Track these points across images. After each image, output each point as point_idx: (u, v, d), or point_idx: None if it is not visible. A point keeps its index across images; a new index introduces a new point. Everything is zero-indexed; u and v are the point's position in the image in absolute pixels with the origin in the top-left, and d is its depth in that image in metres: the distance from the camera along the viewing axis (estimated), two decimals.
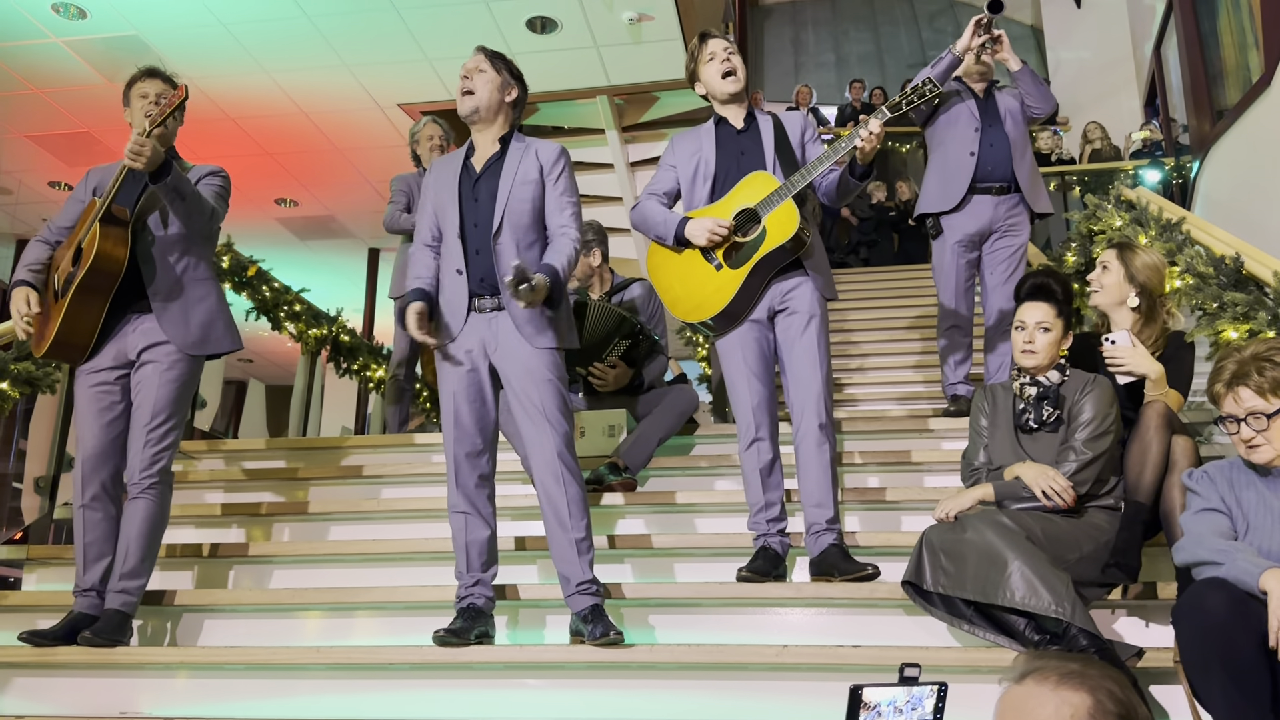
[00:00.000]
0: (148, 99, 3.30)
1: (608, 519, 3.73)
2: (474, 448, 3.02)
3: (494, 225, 3.02)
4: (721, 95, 3.36)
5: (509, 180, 3.06)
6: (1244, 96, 6.56)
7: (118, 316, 3.22)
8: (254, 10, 7.24)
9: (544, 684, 2.89)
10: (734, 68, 3.33)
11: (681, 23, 7.39)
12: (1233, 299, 3.45)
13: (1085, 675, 1.28)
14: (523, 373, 2.96)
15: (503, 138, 3.15)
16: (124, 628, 3.09)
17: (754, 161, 3.30)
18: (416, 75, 8.12)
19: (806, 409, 3.17)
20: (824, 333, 3.23)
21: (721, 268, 3.22)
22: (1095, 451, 2.82)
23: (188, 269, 3.29)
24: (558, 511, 2.92)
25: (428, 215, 3.16)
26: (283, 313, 5.98)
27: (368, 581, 3.52)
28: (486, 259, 3.02)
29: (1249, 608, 2.12)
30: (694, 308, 3.27)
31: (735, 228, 3.20)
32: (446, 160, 3.21)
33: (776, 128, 3.34)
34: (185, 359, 3.22)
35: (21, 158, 9.40)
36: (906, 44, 15.93)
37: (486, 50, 3.18)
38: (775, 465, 3.24)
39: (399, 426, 5.24)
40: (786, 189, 3.14)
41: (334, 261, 11.93)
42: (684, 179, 3.38)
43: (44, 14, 7.21)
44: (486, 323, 3.01)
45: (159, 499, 3.16)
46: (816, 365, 3.18)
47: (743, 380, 3.23)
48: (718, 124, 3.40)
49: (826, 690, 2.70)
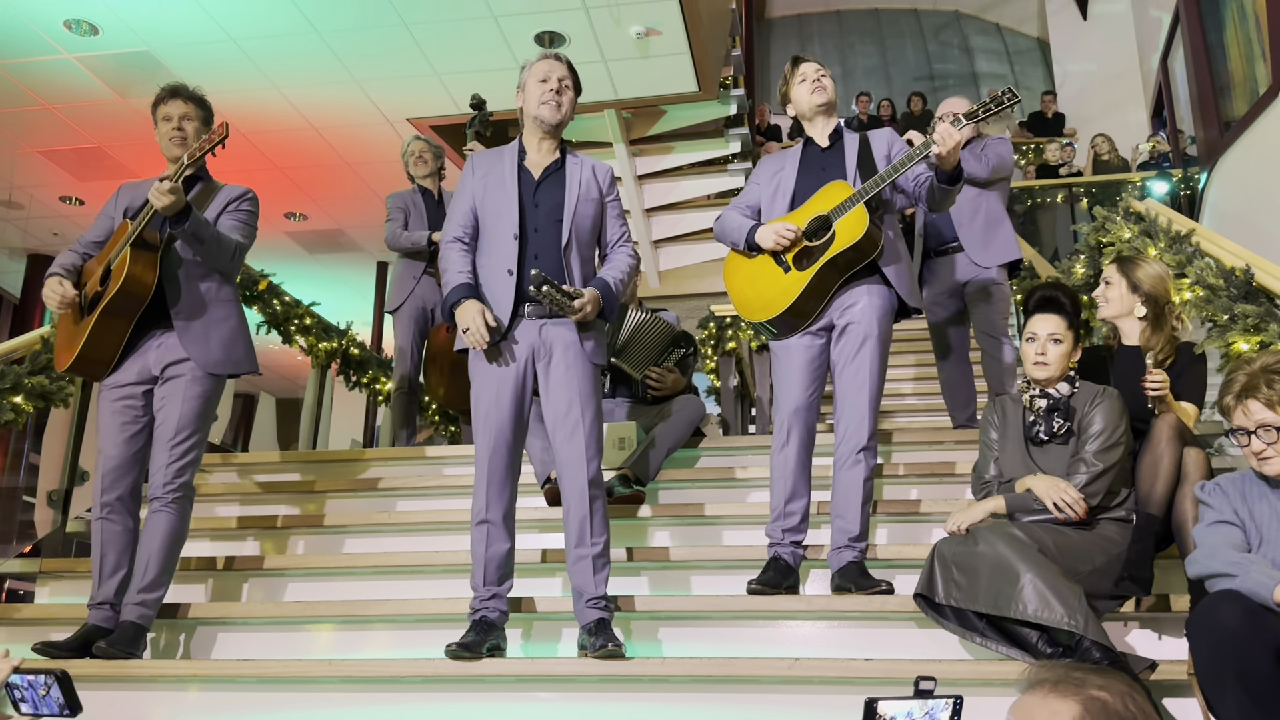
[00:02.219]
0: (171, 122, 3.34)
1: (624, 531, 3.73)
2: (506, 456, 3.01)
3: (564, 237, 3.06)
4: (809, 112, 3.46)
5: (574, 194, 3.11)
6: (1251, 108, 6.56)
7: (141, 334, 3.25)
8: (264, 26, 7.29)
9: (556, 697, 2.89)
10: (824, 86, 3.43)
11: (689, 37, 7.42)
12: (1243, 311, 3.45)
13: (1079, 684, 1.26)
14: (571, 384, 2.98)
15: (560, 147, 3.21)
16: (139, 640, 3.11)
17: (836, 176, 3.36)
18: (426, 90, 8.16)
19: (850, 430, 3.20)
20: (879, 351, 3.23)
21: (790, 270, 3.27)
22: (1106, 463, 2.82)
23: (211, 290, 3.32)
24: (580, 526, 2.93)
25: (463, 211, 3.15)
26: (293, 326, 6.00)
27: (380, 594, 3.53)
28: (549, 265, 3.04)
29: (1263, 620, 2.12)
30: (760, 307, 3.32)
31: (808, 233, 3.24)
32: (494, 158, 3.20)
33: (861, 143, 3.41)
34: (208, 376, 3.25)
35: (33, 173, 9.46)
36: (912, 57, 15.98)
37: (570, 63, 3.24)
38: (803, 473, 3.25)
39: (408, 439, 5.26)
40: (859, 195, 3.19)
41: (342, 275, 11.97)
42: (764, 195, 3.47)
43: (56, 30, 7.27)
44: (537, 329, 3.02)
45: (180, 513, 3.19)
46: (865, 388, 3.20)
47: (787, 383, 3.29)
48: (805, 144, 3.50)
49: (838, 704, 2.70)
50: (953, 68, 15.65)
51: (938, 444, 4.25)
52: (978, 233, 4.47)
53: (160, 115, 3.38)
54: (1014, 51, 15.74)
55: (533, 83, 3.16)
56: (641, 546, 3.63)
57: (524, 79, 3.20)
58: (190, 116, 3.36)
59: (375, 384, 6.68)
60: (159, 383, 3.24)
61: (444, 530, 3.82)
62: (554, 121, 3.14)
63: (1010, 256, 4.46)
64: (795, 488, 3.23)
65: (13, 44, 7.43)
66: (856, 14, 16.53)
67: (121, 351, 3.24)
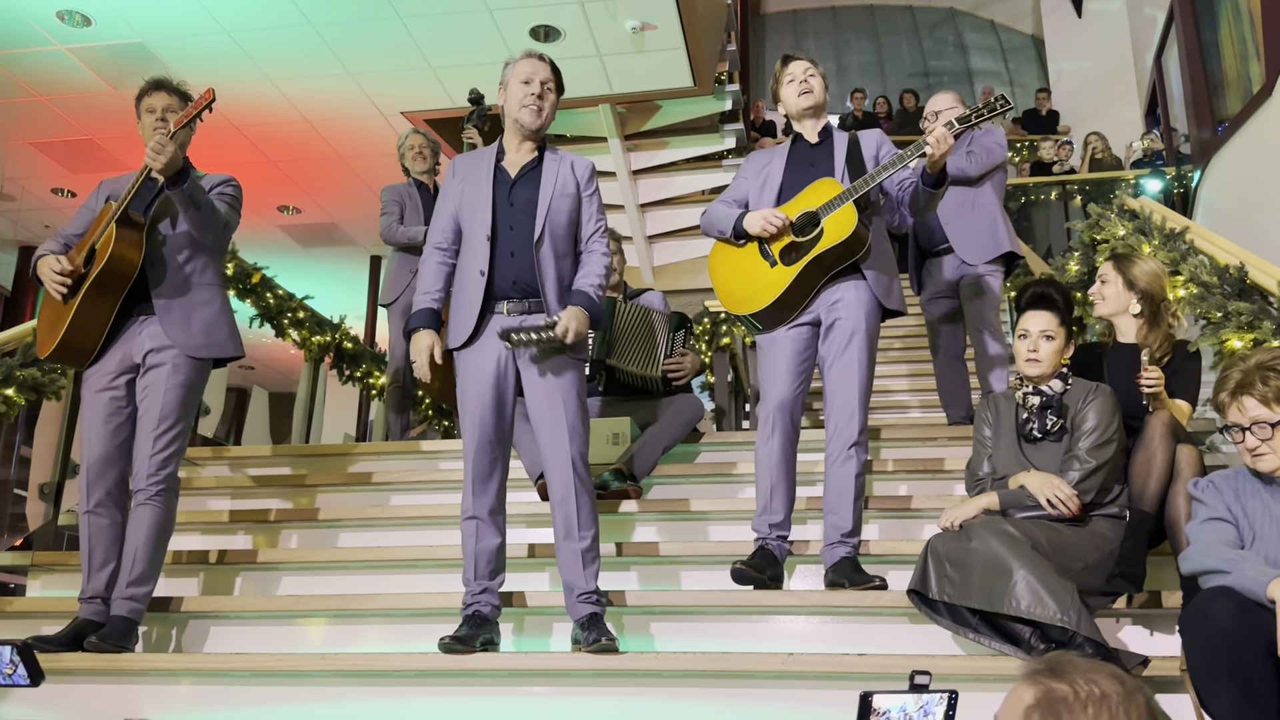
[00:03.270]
0: (154, 114, 3.33)
1: (613, 526, 3.73)
2: (493, 452, 3.02)
3: (535, 233, 3.05)
4: (797, 112, 3.46)
5: (549, 190, 3.10)
6: (1245, 106, 6.59)
7: (123, 320, 3.24)
8: (259, 18, 7.27)
9: (549, 691, 2.89)
10: (811, 88, 3.42)
11: (684, 32, 7.41)
12: (1237, 308, 3.46)
13: (1049, 674, 1.23)
14: (551, 381, 2.98)
15: (540, 146, 3.19)
16: (130, 634, 3.09)
17: (824, 173, 3.35)
18: (420, 83, 8.14)
19: (840, 425, 3.19)
20: (867, 346, 3.23)
21: (776, 264, 3.26)
22: (1099, 460, 2.82)
23: (194, 273, 3.31)
24: (568, 521, 2.94)
25: (445, 215, 3.17)
26: (286, 320, 5.99)
27: (373, 588, 3.53)
28: (525, 263, 3.04)
29: (1256, 616, 2.12)
30: (744, 300, 3.31)
31: (796, 227, 3.24)
32: (473, 160, 3.21)
33: (851, 142, 3.41)
34: (191, 363, 3.23)
35: (25, 164, 9.42)
36: (907, 54, 15.99)
37: (554, 64, 3.22)
38: (786, 466, 3.24)
39: (401, 433, 5.25)
40: (849, 192, 3.18)
41: (336, 269, 11.94)
42: (752, 189, 3.46)
43: (49, 21, 7.23)
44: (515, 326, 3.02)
45: (165, 505, 3.17)
46: (854, 383, 3.19)
47: (773, 376, 3.27)
48: (794, 140, 3.50)
49: (832, 699, 2.70)
50: (947, 64, 15.67)
51: (930, 440, 4.25)
52: (965, 230, 4.44)
53: (144, 108, 3.37)
54: (1009, 49, 15.77)
55: (515, 83, 3.15)
56: (630, 542, 3.63)
57: (507, 76, 3.18)
58: (174, 109, 3.34)
59: (369, 378, 6.67)
60: (141, 372, 3.22)
61: (438, 524, 3.82)
62: (534, 127, 3.14)
63: (999, 250, 4.40)
64: (779, 481, 3.22)
65: (4, 35, 7.39)
66: (852, 10, 16.53)
67: (105, 340, 3.21)
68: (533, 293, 3.04)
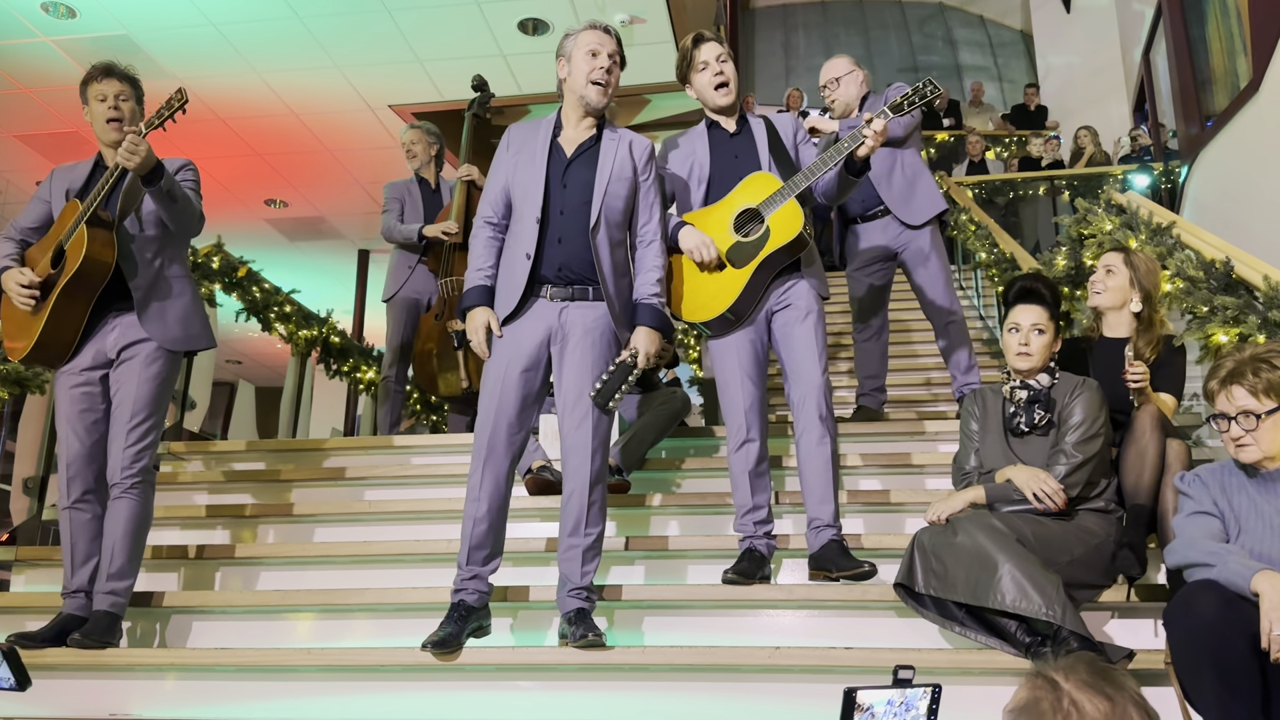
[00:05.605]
0: (106, 101, 3.24)
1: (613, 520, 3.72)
2: (506, 434, 2.92)
3: (591, 220, 2.95)
4: (714, 106, 3.34)
5: (605, 173, 2.99)
6: (1232, 102, 6.60)
7: (97, 317, 3.20)
8: (245, 11, 7.23)
9: (536, 685, 2.88)
10: (727, 79, 3.29)
11: (673, 26, 7.40)
12: (1223, 303, 3.47)
13: (1045, 681, 1.24)
14: (585, 372, 2.90)
15: (599, 123, 3.09)
16: (113, 629, 3.08)
17: (749, 164, 3.27)
18: (408, 77, 8.11)
19: (807, 401, 3.12)
20: (821, 328, 3.19)
21: (725, 267, 3.19)
22: (1086, 454, 2.83)
23: (164, 266, 3.27)
24: (578, 516, 2.89)
25: (496, 188, 3.06)
26: (273, 314, 5.96)
27: (356, 583, 3.51)
28: (573, 248, 2.95)
29: (1240, 609, 2.13)
30: (698, 307, 3.22)
31: (737, 226, 3.17)
32: (528, 132, 3.09)
33: (769, 130, 3.32)
34: (164, 356, 3.20)
35: (9, 157, 9.36)
36: (896, 48, 15.99)
37: (619, 37, 3.09)
38: (764, 467, 3.22)
39: (390, 428, 5.23)
40: (789, 189, 3.12)
41: (323, 263, 11.90)
42: (678, 183, 3.34)
43: (33, 13, 7.18)
44: (557, 312, 2.94)
45: (142, 498, 3.14)
46: (816, 357, 3.13)
47: (736, 382, 3.19)
48: (710, 127, 3.37)
49: (818, 692, 2.71)
50: (936, 59, 15.67)
51: (916, 435, 4.25)
52: (900, 190, 4.36)
53: (93, 94, 3.25)
54: (997, 44, 15.78)
55: (580, 55, 3.02)
56: (621, 537, 3.62)
57: (568, 49, 3.06)
58: (126, 96, 3.26)
59: (356, 373, 6.65)
60: (114, 366, 3.19)
61: (416, 519, 3.81)
62: (600, 104, 3.03)
63: (937, 209, 4.35)
64: (759, 482, 3.19)
65: None
66: (841, 5, 16.52)
67: (79, 336, 3.18)
68: (578, 280, 2.95)
